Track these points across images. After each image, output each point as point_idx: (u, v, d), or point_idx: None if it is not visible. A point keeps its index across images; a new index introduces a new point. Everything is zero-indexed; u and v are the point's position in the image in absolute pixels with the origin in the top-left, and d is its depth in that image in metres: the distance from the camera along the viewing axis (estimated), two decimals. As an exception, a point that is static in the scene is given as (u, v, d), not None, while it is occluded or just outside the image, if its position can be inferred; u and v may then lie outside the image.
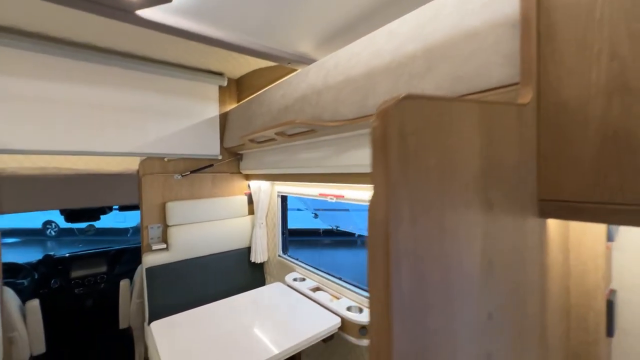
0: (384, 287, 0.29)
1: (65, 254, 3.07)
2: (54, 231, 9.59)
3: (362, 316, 1.51)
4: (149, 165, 2.15)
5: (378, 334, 0.29)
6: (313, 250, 9.77)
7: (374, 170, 0.32)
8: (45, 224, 9.57)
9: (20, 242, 9.03)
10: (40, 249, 8.40)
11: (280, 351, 1.26)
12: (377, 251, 0.30)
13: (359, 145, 1.30)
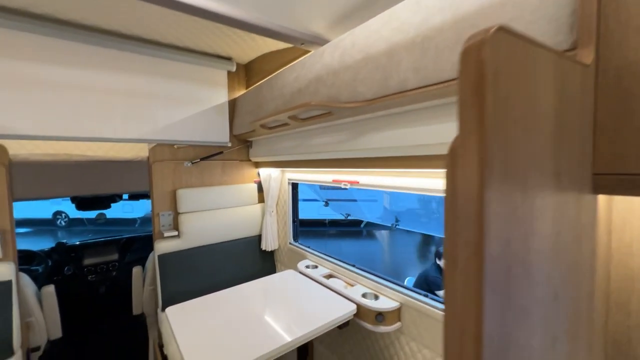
0: (475, 254, 0.25)
1: (76, 242, 3.10)
2: (64, 221, 9.76)
3: (378, 303, 1.49)
4: (159, 152, 2.13)
5: (464, 309, 0.26)
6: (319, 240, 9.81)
7: (463, 117, 0.27)
8: (55, 214, 9.73)
9: (32, 231, 9.22)
10: (51, 238, 8.55)
11: (296, 337, 1.24)
12: (464, 211, 0.27)
13: (378, 127, 1.25)
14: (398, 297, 1.48)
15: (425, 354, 1.38)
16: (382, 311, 1.44)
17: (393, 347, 1.54)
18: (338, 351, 1.91)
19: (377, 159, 1.38)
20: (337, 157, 1.63)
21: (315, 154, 1.74)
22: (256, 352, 1.14)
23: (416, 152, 1.16)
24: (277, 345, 1.18)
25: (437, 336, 1.32)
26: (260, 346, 1.18)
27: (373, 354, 1.66)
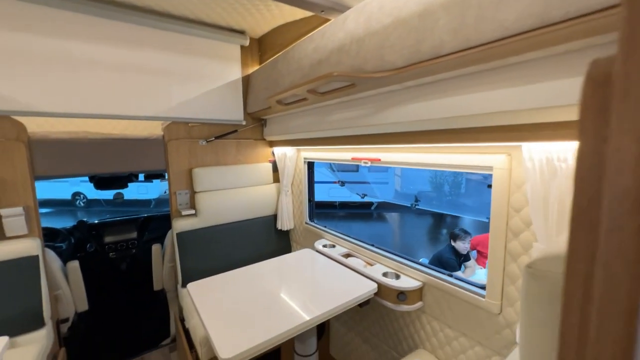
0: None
1: (96, 221, 3.18)
2: (83, 202, 10.08)
3: (400, 282, 1.47)
4: (173, 130, 2.10)
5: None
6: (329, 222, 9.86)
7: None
8: (74, 195, 10.05)
9: (53, 211, 9.57)
10: (71, 218, 8.88)
11: (318, 314, 1.24)
12: (618, 210, 0.19)
13: (406, 99, 1.17)
14: (420, 276, 1.45)
15: (448, 333, 1.36)
16: (405, 290, 1.42)
17: (413, 325, 1.53)
18: (355, 328, 1.92)
19: (404, 134, 1.31)
20: (358, 134, 1.57)
21: (333, 131, 1.67)
22: (278, 329, 1.14)
23: (450, 124, 1.09)
24: (298, 322, 1.18)
25: (460, 316, 1.30)
26: (281, 323, 1.18)
27: (392, 332, 1.66)
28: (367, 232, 8.36)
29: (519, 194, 1.06)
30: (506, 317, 1.13)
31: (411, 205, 9.94)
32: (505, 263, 1.11)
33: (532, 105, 0.84)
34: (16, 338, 1.58)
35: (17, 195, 1.64)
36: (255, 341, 1.06)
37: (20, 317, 1.58)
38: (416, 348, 1.52)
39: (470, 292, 1.23)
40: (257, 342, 1.06)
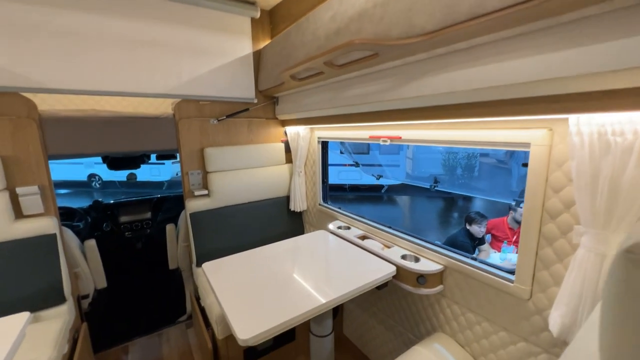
0: None
1: (111, 201, 3.22)
2: (98, 183, 10.33)
3: (420, 265, 1.41)
4: (184, 108, 2.04)
5: None
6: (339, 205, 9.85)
7: None
8: (89, 176, 10.29)
9: (71, 192, 9.86)
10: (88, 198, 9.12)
11: (336, 297, 1.20)
12: None
13: (434, 69, 1.07)
14: (441, 259, 1.40)
15: (470, 318, 1.32)
16: (424, 273, 1.36)
17: (432, 308, 1.49)
18: (370, 309, 1.91)
19: (429, 109, 1.21)
20: (378, 110, 1.47)
21: (351, 107, 1.58)
22: (295, 311, 1.11)
23: (484, 96, 0.99)
24: (315, 305, 1.15)
25: (483, 300, 1.24)
26: (298, 305, 1.15)
27: (409, 315, 1.63)
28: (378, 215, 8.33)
29: (559, 173, 0.96)
30: (536, 303, 1.07)
31: (430, 187, 9.79)
32: (539, 247, 1.04)
33: (584, 71, 0.74)
34: (40, 312, 1.62)
35: (31, 174, 1.63)
36: (272, 323, 1.04)
37: (43, 293, 1.61)
38: (434, 331, 1.49)
39: (497, 276, 1.16)
40: (274, 324, 1.04)
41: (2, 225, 1.53)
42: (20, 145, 1.58)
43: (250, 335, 0.98)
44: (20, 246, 1.56)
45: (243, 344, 0.98)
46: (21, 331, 1.01)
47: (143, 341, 2.22)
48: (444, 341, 1.38)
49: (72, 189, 10.07)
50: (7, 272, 1.53)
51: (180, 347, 2.15)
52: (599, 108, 0.79)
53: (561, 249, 0.98)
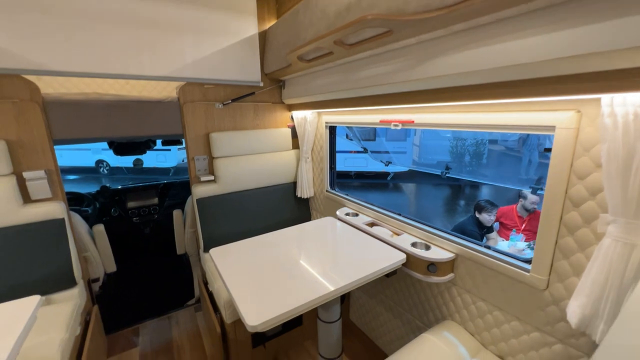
0: None
1: (118, 187, 3.24)
2: (106, 169, 10.42)
3: (431, 253, 1.38)
4: (188, 92, 1.99)
5: None
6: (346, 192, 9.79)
7: None
8: (97, 162, 10.38)
9: (80, 178, 9.99)
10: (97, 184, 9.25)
11: (344, 284, 1.18)
12: None
13: (452, 47, 1.00)
14: (453, 247, 1.36)
15: (481, 306, 1.29)
16: (435, 261, 1.33)
17: (442, 297, 1.47)
18: (377, 296, 1.90)
19: (445, 91, 1.14)
20: (389, 92, 1.40)
21: (361, 90, 1.51)
22: (303, 298, 1.09)
23: (506, 76, 0.92)
24: (323, 292, 1.13)
25: (496, 289, 1.21)
26: (306, 293, 1.13)
27: (418, 302, 1.61)
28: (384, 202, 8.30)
29: (586, 158, 0.90)
30: (553, 294, 1.03)
31: (442, 174, 9.68)
32: (559, 236, 0.99)
33: (622, 45, 0.67)
34: (52, 295, 1.65)
35: (37, 159, 1.62)
36: (280, 310, 1.03)
37: (54, 276, 1.63)
38: (443, 319, 1.48)
39: (513, 266, 1.13)
40: (283, 310, 1.02)
41: (11, 209, 1.53)
42: (24, 129, 1.56)
43: (259, 322, 0.97)
44: (29, 230, 1.57)
45: (252, 330, 0.97)
46: (32, 314, 1.02)
47: (153, 323, 2.27)
48: (454, 329, 1.36)
49: (81, 175, 10.20)
50: (18, 255, 1.55)
51: (189, 330, 2.19)
52: (637, 87, 0.72)
53: (583, 238, 0.93)
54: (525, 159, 8.13)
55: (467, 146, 10.88)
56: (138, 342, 2.09)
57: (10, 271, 1.53)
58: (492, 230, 3.46)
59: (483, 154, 10.75)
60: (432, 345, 1.27)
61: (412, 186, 10.01)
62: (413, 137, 10.74)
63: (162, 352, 2.00)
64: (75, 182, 9.59)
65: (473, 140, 10.75)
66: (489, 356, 1.25)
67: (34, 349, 1.28)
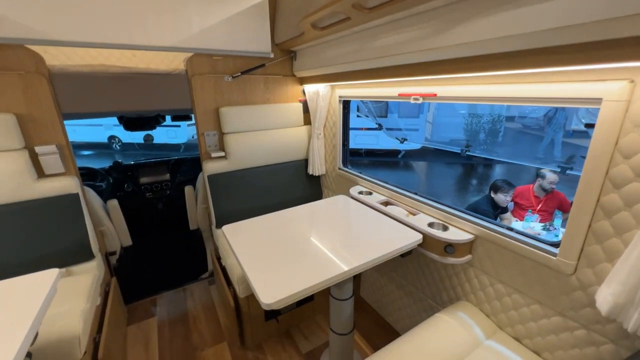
0: None
1: (131, 162, 3.25)
2: (118, 145, 10.55)
3: (449, 234, 1.34)
4: (196, 64, 1.91)
5: None
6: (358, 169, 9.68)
7: None
8: (110, 138, 10.50)
9: (94, 154, 10.19)
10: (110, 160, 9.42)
11: (359, 264, 1.16)
12: None
13: (485, 9, 0.88)
14: (472, 228, 1.31)
15: (499, 289, 1.26)
16: (453, 242, 1.29)
17: (457, 277, 1.44)
18: (389, 274, 1.89)
19: (474, 59, 1.03)
20: (411, 62, 1.29)
21: (378, 60, 1.40)
22: (317, 277, 1.08)
23: (547, 41, 0.81)
24: (337, 272, 1.11)
25: (517, 272, 1.17)
26: (320, 272, 1.12)
27: (431, 282, 1.59)
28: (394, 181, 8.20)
29: (635, 135, 0.81)
30: (581, 279, 0.98)
31: (461, 152, 9.45)
32: (594, 219, 0.92)
33: None
34: (71, 267, 1.70)
35: (48, 133, 1.60)
36: (295, 288, 1.01)
37: (72, 250, 1.67)
38: (458, 300, 1.46)
39: (538, 249, 1.07)
40: (297, 289, 1.01)
41: (26, 183, 1.54)
42: (33, 103, 1.53)
43: (273, 300, 0.96)
44: (45, 205, 1.59)
45: (267, 307, 0.96)
46: (52, 286, 1.04)
47: (170, 295, 2.35)
48: (469, 310, 1.34)
49: (95, 151, 10.39)
50: (36, 229, 1.58)
51: (204, 302, 2.26)
52: None
53: (622, 222, 0.86)
54: (547, 138, 7.69)
55: (482, 123, 10.48)
56: (156, 312, 2.17)
57: (31, 245, 1.56)
58: (506, 210, 3.38)
59: (499, 131, 10.36)
60: (446, 325, 1.25)
61: (424, 164, 9.82)
62: (426, 113, 10.37)
63: (178, 321, 2.08)
64: (89, 157, 9.79)
65: (489, 117, 10.33)
66: (505, 337, 1.23)
67: (57, 317, 1.33)
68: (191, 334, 1.96)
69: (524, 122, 11.77)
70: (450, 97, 1.31)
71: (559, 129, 7.51)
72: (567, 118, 7.45)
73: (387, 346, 1.19)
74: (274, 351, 1.82)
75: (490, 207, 3.30)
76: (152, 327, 2.03)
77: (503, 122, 10.44)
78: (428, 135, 10.76)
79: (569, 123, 7.78)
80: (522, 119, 11.86)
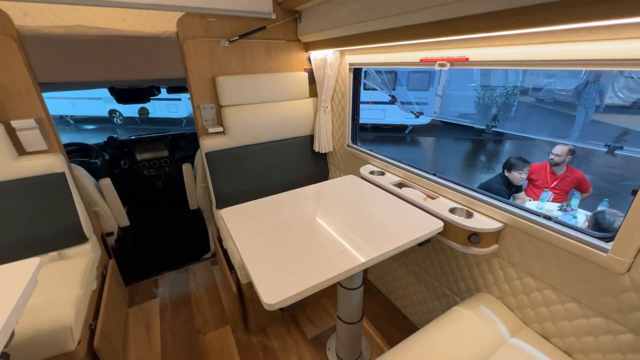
0: None
1: (126, 138, 3.09)
2: (119, 119, 10.33)
3: (474, 221, 1.19)
4: (188, 26, 1.68)
5: None
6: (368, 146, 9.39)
7: None
8: (110, 112, 10.27)
9: (97, 128, 10.03)
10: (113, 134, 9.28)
11: (375, 255, 1.03)
12: None
13: None
14: (501, 215, 1.16)
15: (528, 283, 1.13)
16: (480, 231, 1.14)
17: (478, 267, 1.31)
18: (400, 259, 1.78)
19: (519, 12, 0.81)
20: (437, 20, 1.07)
21: (396, 19, 1.18)
22: (327, 272, 0.95)
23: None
24: (351, 265, 0.98)
25: (552, 266, 1.03)
26: (330, 264, 0.99)
27: (447, 270, 1.47)
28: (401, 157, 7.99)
29: None
30: (635, 279, 0.84)
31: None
32: (663, 212, 0.76)
33: None
34: (64, 251, 1.61)
35: (24, 106, 1.44)
36: (301, 286, 0.89)
37: (63, 232, 1.57)
38: (477, 291, 1.34)
39: (584, 243, 0.92)
40: (303, 287, 0.89)
41: (5, 161, 1.40)
42: (3, 70, 1.35)
43: (277, 300, 0.84)
44: (28, 185, 1.46)
45: (270, 308, 0.85)
46: (31, 279, 0.92)
47: (172, 275, 2.29)
48: (491, 303, 1.22)
49: (97, 125, 10.21)
50: (21, 211, 1.46)
51: (206, 283, 2.20)
52: None
53: None
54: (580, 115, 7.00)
55: (495, 97, 9.99)
56: (158, 293, 2.12)
57: (15, 227, 1.45)
58: (520, 189, 3.23)
59: (513, 105, 9.89)
60: (467, 320, 1.14)
61: (430, 140, 9.54)
62: (437, 86, 9.88)
63: (181, 303, 2.02)
64: (92, 131, 9.64)
65: (503, 90, 9.82)
66: (531, 335, 1.12)
67: (48, 306, 1.24)
68: (194, 317, 1.91)
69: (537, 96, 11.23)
70: (484, 61, 1.10)
71: (590, 107, 6.98)
72: (601, 92, 6.86)
73: (403, 342, 1.08)
74: (278, 335, 1.76)
75: (504, 186, 3.15)
76: (154, 309, 1.98)
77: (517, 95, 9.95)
78: (437, 109, 10.33)
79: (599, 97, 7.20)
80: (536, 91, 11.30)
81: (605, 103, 7.72)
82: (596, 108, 7.14)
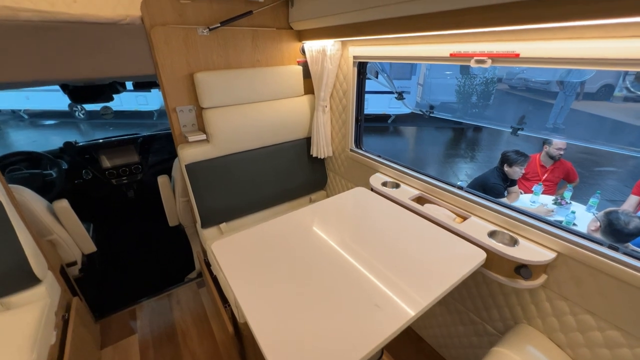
0: None
1: (88, 142, 2.65)
2: (82, 114, 9.39)
3: (521, 251, 1.00)
4: (157, 8, 1.35)
5: None
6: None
7: None
8: (70, 106, 9.30)
9: (57, 123, 9.08)
10: (76, 131, 8.45)
11: (427, 304, 0.81)
12: None
13: None
14: (553, 243, 0.98)
15: (585, 320, 0.97)
16: (530, 264, 0.96)
17: (518, 296, 1.14)
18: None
19: None
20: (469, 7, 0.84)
21: (421, 3, 0.94)
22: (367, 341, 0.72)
23: None
24: (399, 323, 0.76)
25: (623, 304, 0.87)
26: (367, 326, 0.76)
27: (476, 295, 1.30)
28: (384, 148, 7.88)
29: None
30: None
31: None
32: None
33: None
34: (9, 298, 1.28)
35: None
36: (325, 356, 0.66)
37: (5, 276, 1.23)
38: (515, 322, 1.18)
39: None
40: None
41: None
42: None
43: None
44: None
45: None
46: None
47: (152, 303, 1.99)
48: (538, 342, 1.06)
49: (57, 120, 9.25)
50: None
51: (193, 311, 1.93)
52: None
53: None
54: (557, 104, 7.14)
55: (475, 85, 10.08)
56: (136, 327, 1.82)
57: None
58: (514, 183, 3.19)
59: (492, 94, 10.02)
60: (516, 367, 0.98)
61: (413, 130, 9.56)
62: (419, 75, 9.79)
63: (165, 338, 1.75)
64: (52, 127, 8.73)
65: (482, 79, 9.92)
66: (589, 379, 0.97)
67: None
68: (182, 356, 1.64)
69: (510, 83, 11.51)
70: (539, 58, 0.88)
71: (570, 96, 7.17)
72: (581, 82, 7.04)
73: None
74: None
75: (500, 180, 3.08)
76: (132, 349, 1.69)
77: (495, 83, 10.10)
78: (419, 98, 10.28)
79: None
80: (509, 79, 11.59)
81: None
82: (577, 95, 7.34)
